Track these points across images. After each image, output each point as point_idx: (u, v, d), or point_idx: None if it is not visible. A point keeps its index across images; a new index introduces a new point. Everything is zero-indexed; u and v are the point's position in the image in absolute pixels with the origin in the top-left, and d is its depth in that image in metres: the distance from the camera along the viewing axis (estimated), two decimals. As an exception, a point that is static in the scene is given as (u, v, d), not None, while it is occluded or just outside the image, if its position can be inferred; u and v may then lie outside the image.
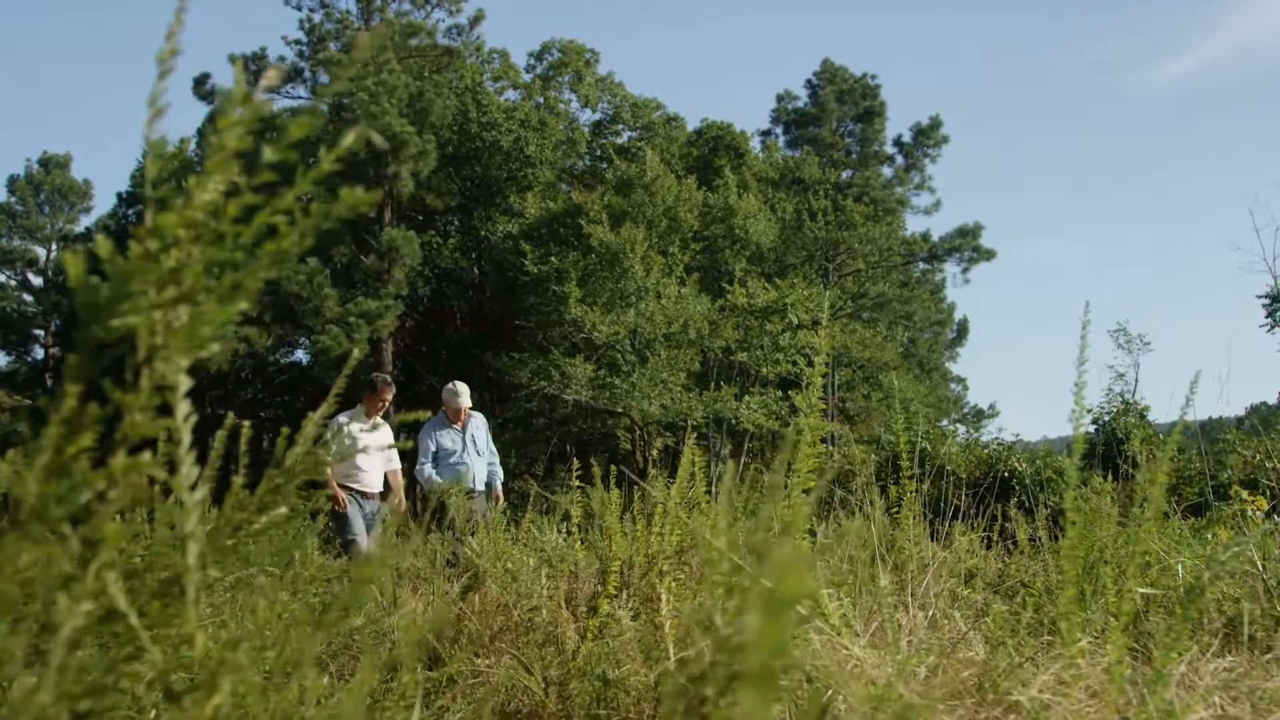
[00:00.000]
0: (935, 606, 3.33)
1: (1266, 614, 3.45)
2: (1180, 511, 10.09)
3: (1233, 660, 2.58)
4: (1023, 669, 2.13)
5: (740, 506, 3.27)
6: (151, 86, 0.92)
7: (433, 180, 33.07)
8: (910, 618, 3.18)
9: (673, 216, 29.96)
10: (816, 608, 2.41)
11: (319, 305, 28.42)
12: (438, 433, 9.51)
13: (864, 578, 3.79)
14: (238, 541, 1.27)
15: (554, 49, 40.61)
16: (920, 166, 42.42)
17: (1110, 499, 4.73)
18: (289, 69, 32.49)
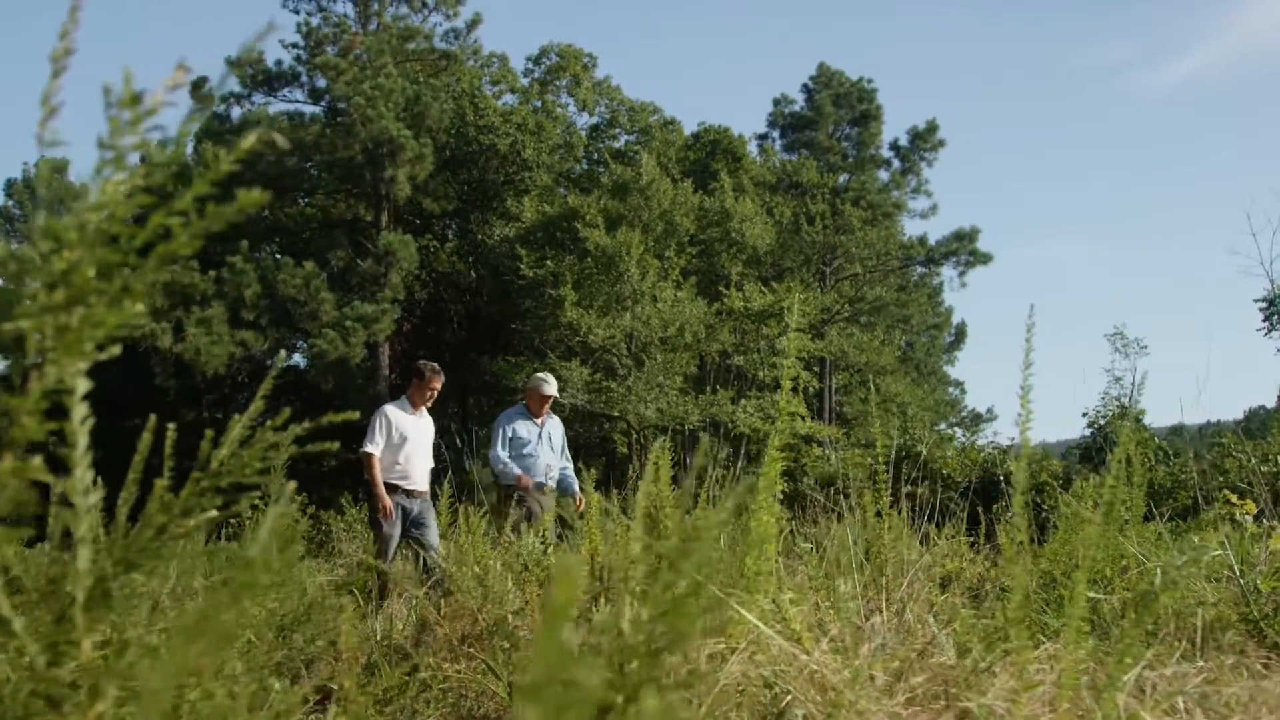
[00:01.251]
0: (910, 611, 3.33)
1: (1244, 618, 3.44)
2: (1171, 515, 10.09)
3: (1204, 665, 2.57)
4: (984, 676, 2.12)
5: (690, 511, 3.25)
6: (45, 86, 0.91)
7: (430, 184, 33.04)
8: (884, 622, 3.17)
9: (669, 220, 29.96)
10: (778, 613, 2.40)
11: (316, 309, 28.38)
12: (515, 422, 9.20)
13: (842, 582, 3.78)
14: (160, 545, 1.26)
15: (552, 53, 40.65)
16: (917, 170, 42.40)
17: (1092, 503, 4.72)
18: (287, 72, 32.48)
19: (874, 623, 3.16)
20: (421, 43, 33.80)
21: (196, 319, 27.02)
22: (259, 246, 32.12)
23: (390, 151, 29.00)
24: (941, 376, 48.53)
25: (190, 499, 1.29)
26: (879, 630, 3.06)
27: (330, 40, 31.61)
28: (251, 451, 1.32)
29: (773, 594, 2.53)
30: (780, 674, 2.16)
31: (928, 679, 2.37)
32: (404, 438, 8.49)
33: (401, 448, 8.46)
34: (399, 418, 8.58)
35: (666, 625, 0.99)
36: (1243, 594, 3.58)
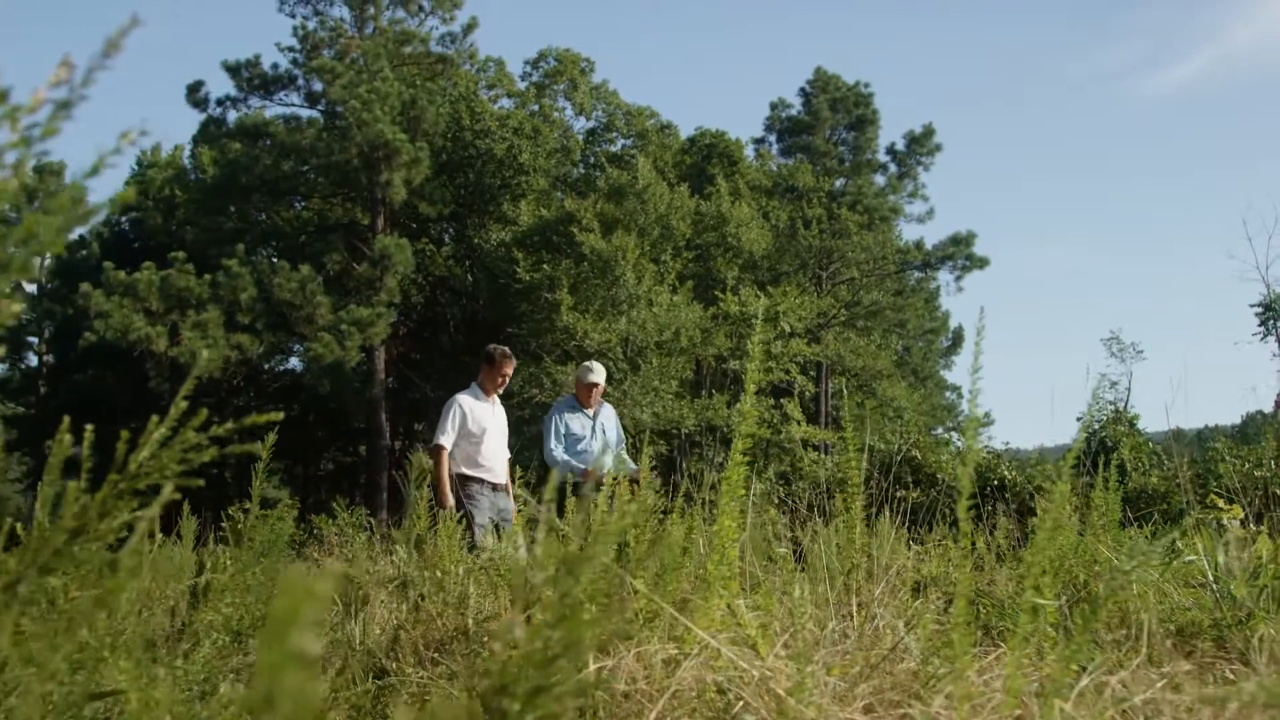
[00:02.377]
0: (881, 617, 3.31)
1: (1217, 624, 3.43)
2: (1164, 520, 10.06)
3: (1168, 671, 2.55)
4: (940, 683, 2.10)
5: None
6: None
7: (426, 188, 33.03)
8: (855, 627, 3.15)
9: (665, 224, 29.97)
10: (732, 618, 2.39)
11: (311, 312, 28.37)
12: (566, 415, 8.72)
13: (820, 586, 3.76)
14: (76, 548, 1.24)
15: (549, 57, 40.70)
16: (913, 174, 42.41)
17: (1071, 508, 4.70)
18: (283, 75, 32.51)
19: (843, 627, 3.15)
20: (418, 46, 33.82)
21: (192, 322, 27.02)
22: (255, 250, 32.12)
23: (386, 155, 29.02)
24: (938, 381, 48.60)
25: (106, 502, 1.27)
26: (849, 635, 3.04)
27: (326, 44, 31.66)
28: (170, 453, 1.30)
29: (728, 599, 2.51)
30: (733, 680, 2.14)
31: (890, 686, 2.36)
32: (482, 428, 8.10)
33: (481, 439, 8.08)
34: (473, 406, 8.21)
35: (562, 632, 0.98)
36: (1216, 600, 3.56)
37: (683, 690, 2.16)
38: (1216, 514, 7.49)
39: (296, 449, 43.11)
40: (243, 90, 32.77)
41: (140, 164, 41.50)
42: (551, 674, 0.97)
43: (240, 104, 33.13)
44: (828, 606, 3.38)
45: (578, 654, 0.97)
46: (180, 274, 27.21)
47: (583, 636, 0.96)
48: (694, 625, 2.33)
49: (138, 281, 26.73)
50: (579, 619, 0.97)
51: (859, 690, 2.29)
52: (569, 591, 0.98)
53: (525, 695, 0.97)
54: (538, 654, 0.98)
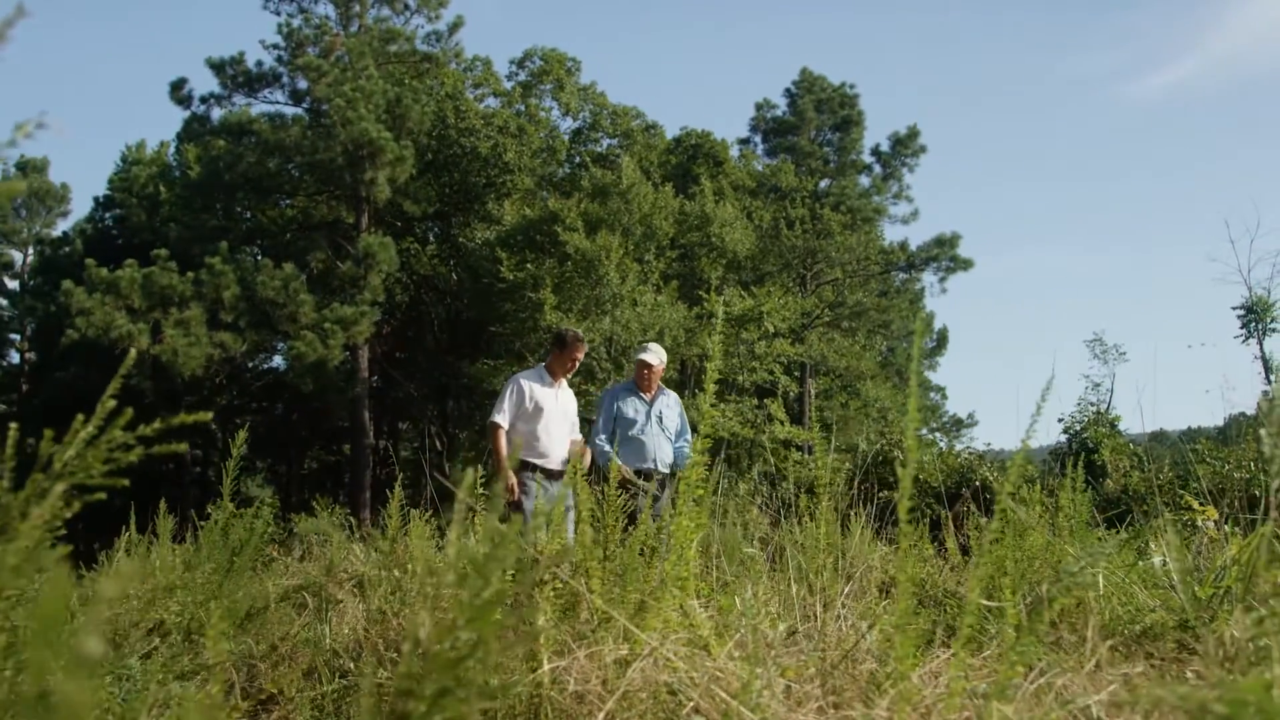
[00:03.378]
0: (845, 618, 3.30)
1: (1181, 626, 3.43)
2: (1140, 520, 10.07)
3: (1128, 673, 2.55)
4: (891, 684, 2.10)
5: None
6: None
7: (410, 187, 32.98)
8: (819, 627, 3.14)
9: (649, 224, 29.94)
10: (685, 619, 2.38)
11: (295, 311, 28.28)
12: (620, 400, 8.29)
13: (783, 587, 3.76)
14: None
15: (536, 57, 40.66)
16: (898, 176, 42.50)
17: (1040, 511, 4.71)
18: (267, 73, 32.41)
19: (807, 628, 3.14)
20: (403, 45, 33.74)
21: (174, 320, 26.91)
22: (239, 248, 32.01)
23: (371, 154, 28.93)
24: (922, 381, 48.66)
25: (30, 499, 1.26)
26: (812, 636, 3.03)
27: (311, 41, 31.55)
28: (95, 451, 1.28)
29: (681, 600, 2.50)
30: (684, 681, 2.14)
31: (849, 687, 2.35)
32: (539, 409, 7.74)
33: (537, 421, 7.72)
34: (533, 388, 7.82)
35: (471, 632, 0.97)
36: (1181, 601, 3.57)
37: (633, 691, 2.16)
38: (1191, 515, 7.51)
39: (279, 448, 43.06)
40: (227, 88, 32.64)
41: (125, 161, 41.42)
42: (458, 675, 0.96)
43: (224, 101, 33.01)
44: (793, 607, 3.37)
45: (485, 655, 0.96)
46: (163, 272, 27.10)
47: (491, 637, 0.95)
48: (646, 626, 2.32)
49: (120, 279, 26.62)
50: (487, 620, 0.96)
51: (813, 692, 2.29)
52: (478, 593, 0.97)
53: (431, 697, 0.96)
54: (444, 655, 0.97)
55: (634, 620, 2.42)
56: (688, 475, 2.68)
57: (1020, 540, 4.26)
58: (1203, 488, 11.06)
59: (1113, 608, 3.57)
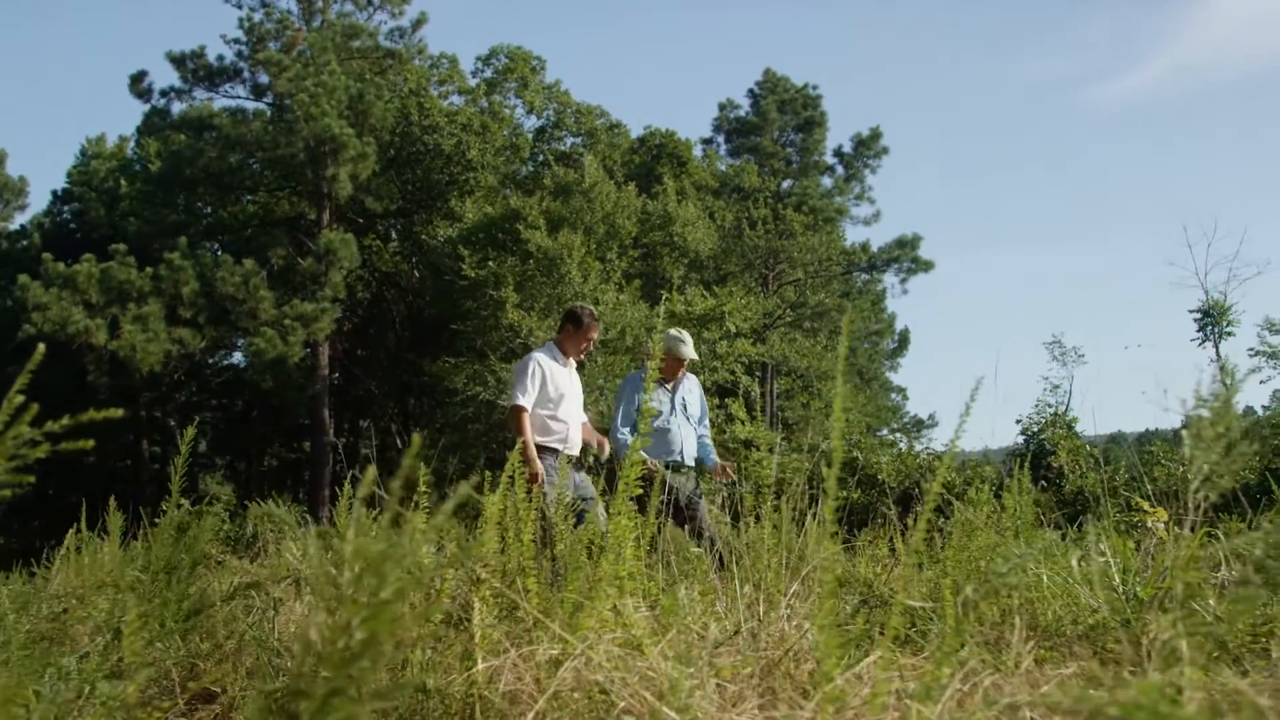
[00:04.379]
0: (791, 617, 3.30)
1: (1124, 626, 3.45)
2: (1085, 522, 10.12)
3: (1065, 673, 2.56)
4: (818, 685, 2.10)
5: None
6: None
7: (373, 183, 32.84)
8: (762, 627, 3.14)
9: (611, 223, 29.94)
10: (619, 619, 2.38)
11: (255, 307, 28.13)
12: (641, 389, 7.48)
13: (724, 587, 3.76)
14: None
15: (501, 54, 40.57)
16: (860, 177, 42.75)
17: (987, 512, 4.72)
18: (228, 67, 32.21)
19: (751, 627, 3.14)
20: (366, 41, 33.61)
21: (132, 316, 26.70)
22: (199, 244, 31.79)
23: (332, 150, 28.80)
24: (884, 383, 48.82)
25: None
26: (756, 635, 3.03)
27: (273, 36, 31.39)
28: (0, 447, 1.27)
29: (614, 599, 2.50)
30: (615, 681, 2.14)
31: (789, 687, 2.35)
32: (560, 393, 7.21)
33: (559, 404, 7.20)
34: (552, 368, 7.28)
35: (364, 632, 0.96)
36: (1124, 601, 3.59)
37: (565, 691, 2.15)
38: (1142, 517, 7.56)
39: (239, 445, 42.82)
40: (188, 81, 32.42)
41: (84, 154, 41.06)
42: (351, 675, 0.95)
43: (185, 95, 32.80)
44: (737, 607, 3.37)
45: (378, 654, 0.95)
46: (121, 267, 26.91)
47: (385, 636, 0.94)
48: (580, 626, 2.32)
49: (77, 274, 26.42)
50: (381, 619, 0.95)
51: (749, 692, 2.29)
52: (374, 591, 0.96)
53: (321, 697, 0.96)
54: (337, 654, 0.96)
55: (570, 620, 2.42)
56: (627, 474, 2.67)
57: (968, 541, 4.27)
58: (1156, 489, 11.17)
59: (1055, 609, 3.59)
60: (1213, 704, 1.40)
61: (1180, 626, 1.58)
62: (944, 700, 1.75)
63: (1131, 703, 0.92)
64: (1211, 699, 1.47)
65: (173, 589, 4.02)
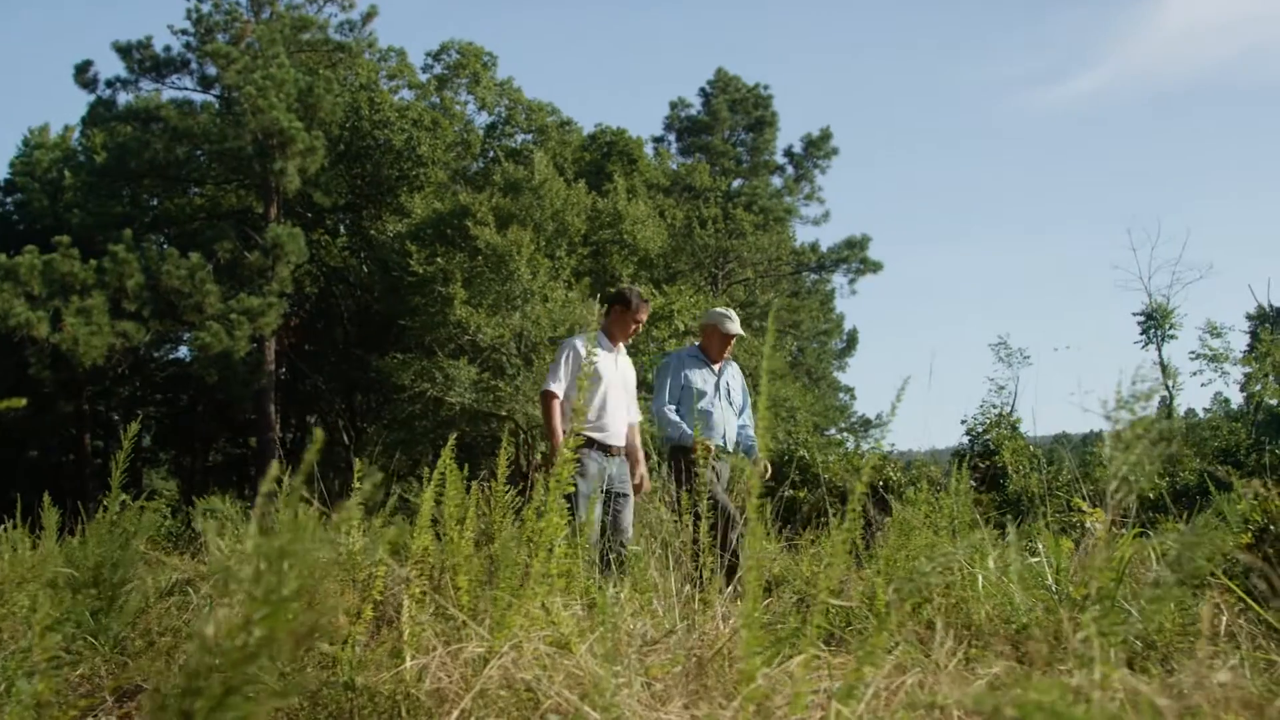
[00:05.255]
0: (722, 619, 3.31)
1: (1054, 624, 3.48)
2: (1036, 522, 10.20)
3: (995, 672, 2.58)
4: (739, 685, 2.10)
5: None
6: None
7: (321, 178, 32.66)
8: (696, 625, 3.14)
9: (560, 220, 29.93)
10: (547, 618, 2.37)
11: (200, 301, 27.87)
12: (687, 369, 7.42)
13: (663, 586, 3.76)
14: None
15: (452, 50, 40.38)
16: (810, 177, 42.96)
17: (925, 511, 4.75)
18: (175, 58, 31.92)
19: (686, 625, 3.14)
20: (316, 33, 33.43)
21: (76, 308, 26.38)
22: (144, 236, 31.46)
23: (281, 143, 28.58)
24: (832, 382, 49.00)
25: None
26: (692, 633, 3.04)
27: (221, 28, 31.15)
28: None
29: (542, 596, 2.49)
30: (542, 678, 2.13)
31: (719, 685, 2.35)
32: (598, 377, 6.85)
33: (595, 390, 6.86)
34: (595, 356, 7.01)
35: (264, 629, 0.95)
36: (1056, 601, 3.62)
37: (491, 689, 2.15)
38: (1082, 517, 7.63)
39: (184, 440, 42.43)
40: (134, 72, 32.09)
41: (26, 144, 40.51)
42: (248, 673, 0.94)
43: (131, 86, 32.46)
44: (673, 606, 3.38)
45: (276, 652, 0.94)
46: (64, 259, 26.58)
47: (285, 635, 0.93)
48: (508, 623, 2.31)
49: (19, 265, 26.05)
50: (280, 617, 0.94)
51: (677, 690, 2.29)
52: (274, 588, 0.95)
53: (217, 696, 0.94)
54: (235, 652, 0.95)
55: (500, 618, 2.41)
56: (558, 472, 2.66)
57: (905, 541, 4.30)
58: (1097, 490, 11.28)
59: (987, 609, 3.62)
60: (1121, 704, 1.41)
61: (1094, 627, 1.59)
62: (865, 699, 1.76)
63: (1029, 703, 0.93)
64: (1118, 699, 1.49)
65: (101, 585, 3.98)
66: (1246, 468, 17.58)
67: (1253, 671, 2.65)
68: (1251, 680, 2.46)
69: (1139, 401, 1.90)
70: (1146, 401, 1.90)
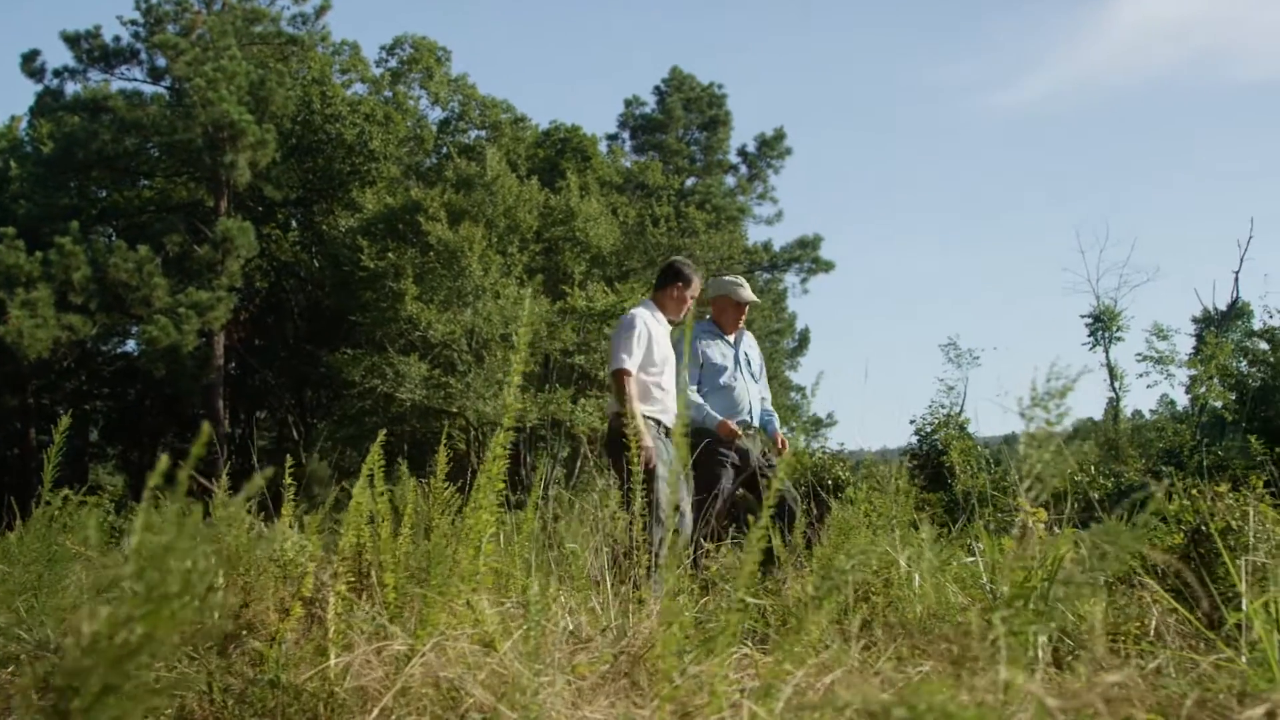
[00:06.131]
0: (656, 618, 3.30)
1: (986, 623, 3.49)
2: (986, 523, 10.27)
3: (928, 671, 2.59)
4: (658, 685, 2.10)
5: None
6: None
7: (272, 171, 32.44)
8: (631, 624, 3.14)
9: (513, 217, 29.89)
10: (472, 615, 2.36)
11: (148, 294, 27.61)
12: (703, 343, 6.90)
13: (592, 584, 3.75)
14: None
15: (406, 44, 40.19)
16: (763, 177, 43.08)
17: (864, 510, 4.77)
18: (125, 49, 31.64)
19: (620, 624, 3.14)
20: (268, 26, 33.21)
21: (21, 301, 26.07)
22: (91, 228, 31.17)
23: (231, 136, 28.37)
24: (784, 381, 49.11)
25: None
26: (626, 632, 3.03)
27: (171, 18, 30.88)
28: None
29: (466, 594, 2.48)
30: (466, 676, 2.12)
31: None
32: (664, 356, 6.40)
33: (662, 370, 6.38)
34: (656, 330, 6.45)
35: (145, 626, 0.93)
36: (990, 599, 3.64)
37: (413, 687, 2.13)
38: (1024, 516, 7.66)
39: (132, 435, 42.01)
40: (82, 62, 31.81)
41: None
42: (126, 671, 0.92)
43: (80, 76, 32.21)
44: (609, 604, 3.37)
45: (158, 650, 0.93)
46: (10, 250, 26.28)
47: (166, 633, 0.92)
48: (431, 621, 2.30)
49: (-37, 257, 25.79)
50: (161, 614, 0.92)
51: (603, 690, 2.28)
52: (156, 585, 0.93)
53: (94, 694, 0.93)
54: (113, 650, 0.93)
55: (424, 615, 2.39)
56: (487, 468, 2.64)
57: (844, 540, 4.31)
58: (1070, 489, 11.35)
59: (922, 608, 3.63)
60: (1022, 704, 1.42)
61: (1002, 627, 1.60)
62: (784, 699, 1.76)
63: (916, 703, 0.93)
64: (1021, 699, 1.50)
65: (25, 579, 3.94)
66: (1190, 469, 17.79)
67: (1178, 671, 2.67)
68: (1178, 680, 2.48)
69: (1053, 399, 1.91)
70: (1061, 399, 1.92)
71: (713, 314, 7.15)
